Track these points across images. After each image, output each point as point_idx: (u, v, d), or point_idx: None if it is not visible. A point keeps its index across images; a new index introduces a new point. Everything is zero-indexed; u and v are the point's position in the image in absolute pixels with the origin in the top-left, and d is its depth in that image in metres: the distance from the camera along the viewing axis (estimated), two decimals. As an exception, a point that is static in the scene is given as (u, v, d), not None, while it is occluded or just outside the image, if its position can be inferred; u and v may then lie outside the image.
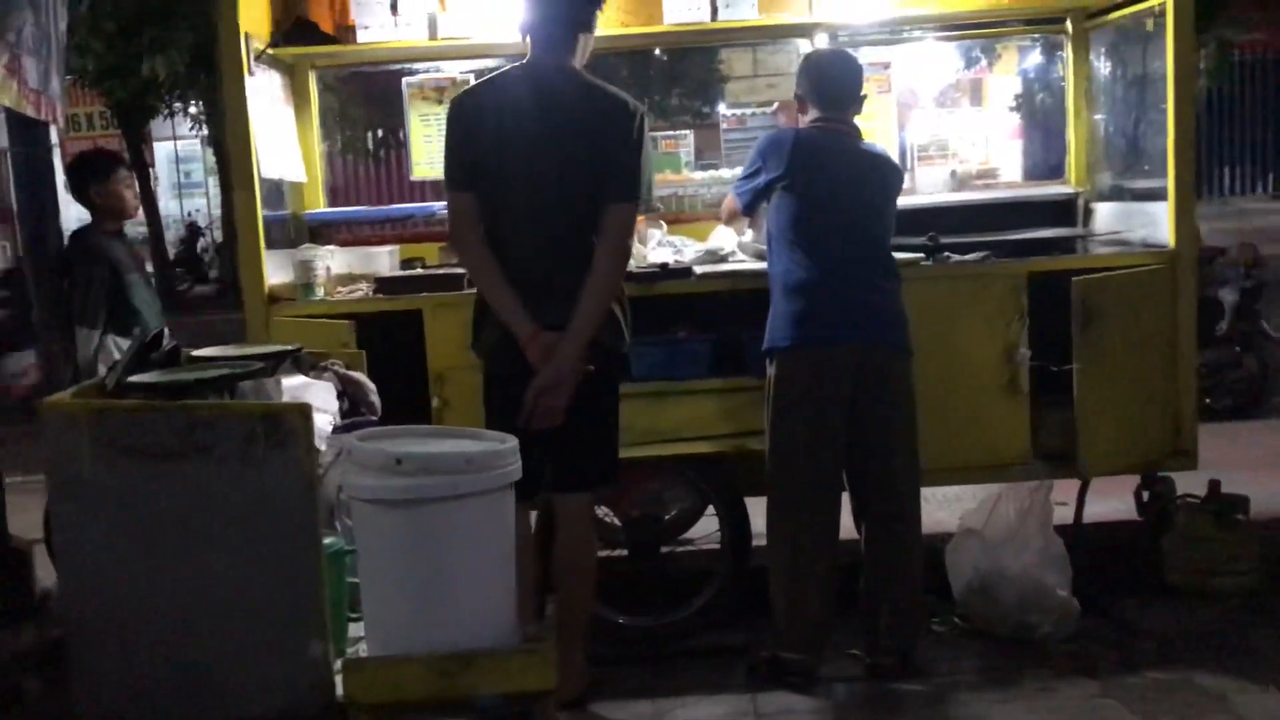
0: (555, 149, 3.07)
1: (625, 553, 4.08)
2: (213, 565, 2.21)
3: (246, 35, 4.00)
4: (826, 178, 3.59)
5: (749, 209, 3.82)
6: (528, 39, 3.19)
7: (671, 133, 5.64)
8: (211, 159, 18.05)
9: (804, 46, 4.85)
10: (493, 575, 2.28)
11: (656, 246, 4.42)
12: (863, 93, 3.77)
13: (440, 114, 4.77)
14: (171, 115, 16.20)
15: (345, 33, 4.69)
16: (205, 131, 15.45)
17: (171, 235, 19.19)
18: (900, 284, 3.67)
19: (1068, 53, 4.98)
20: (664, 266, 4.07)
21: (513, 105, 3.10)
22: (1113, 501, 4.63)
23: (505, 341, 3.11)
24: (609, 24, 4.84)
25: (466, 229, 3.15)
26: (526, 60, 3.20)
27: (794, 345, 3.53)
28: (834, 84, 3.69)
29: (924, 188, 5.42)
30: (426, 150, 4.82)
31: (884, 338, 3.56)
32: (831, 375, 3.51)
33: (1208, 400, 6.41)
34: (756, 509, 3.82)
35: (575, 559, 3.26)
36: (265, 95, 4.29)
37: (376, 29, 4.48)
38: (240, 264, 4.03)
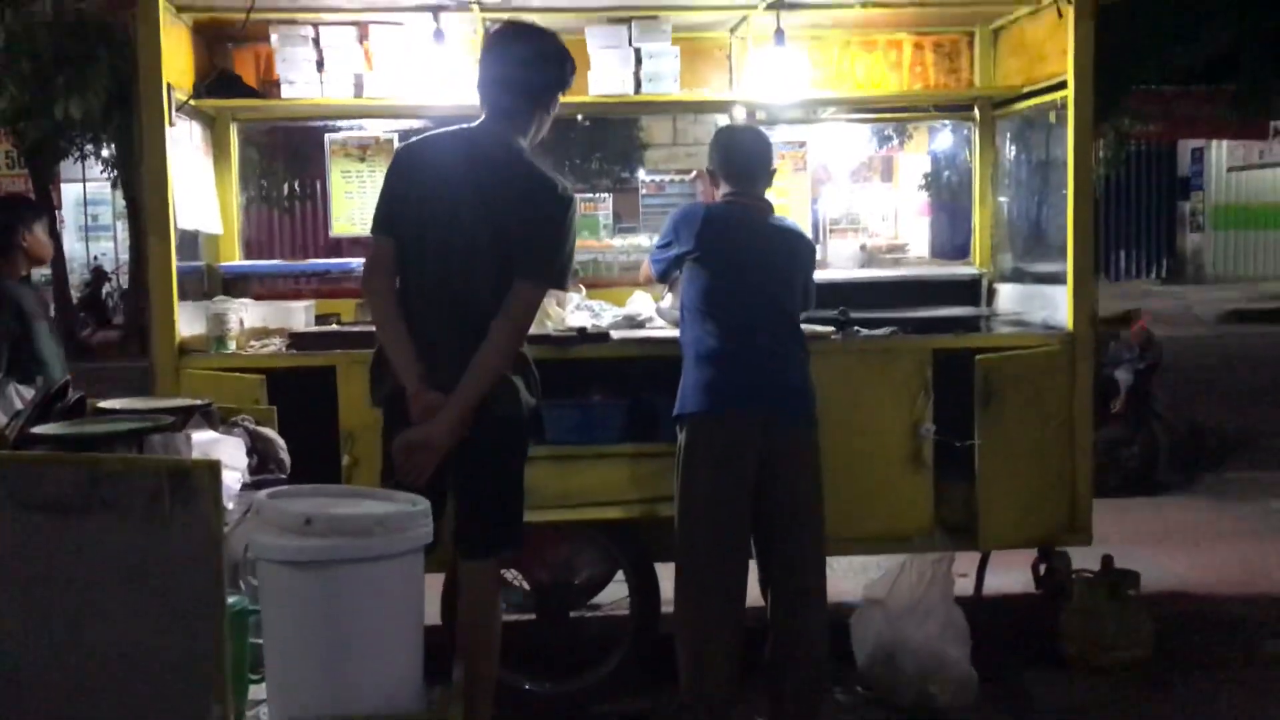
0: (476, 218, 3.06)
1: (533, 617, 4.06)
2: (111, 624, 2.15)
3: (169, 86, 3.98)
4: (736, 252, 3.66)
5: (663, 278, 3.90)
6: (482, 101, 3.18)
7: (591, 196, 5.72)
8: (121, 203, 17.71)
9: (724, 120, 4.98)
10: (401, 639, 2.26)
11: (575, 310, 4.45)
12: (773, 167, 3.85)
13: (362, 171, 4.79)
14: (83, 158, 15.88)
15: (269, 87, 4.70)
16: (115, 175, 15.15)
17: (75, 279, 18.73)
18: (808, 355, 3.73)
19: (975, 139, 5.18)
20: (581, 331, 4.11)
21: (445, 165, 3.11)
22: (1012, 574, 4.74)
23: (398, 394, 3.08)
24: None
25: (379, 274, 3.14)
26: (475, 123, 3.19)
27: (703, 413, 3.57)
28: (743, 160, 3.77)
29: (835, 260, 5.57)
30: (347, 206, 4.82)
31: (791, 409, 3.62)
32: (739, 444, 3.56)
33: (1103, 476, 6.62)
34: (666, 574, 3.84)
35: (479, 624, 3.22)
36: (184, 146, 4.26)
37: (302, 85, 4.50)
38: (152, 315, 3.95)
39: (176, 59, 4.17)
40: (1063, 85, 4.31)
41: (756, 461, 3.56)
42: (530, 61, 3.15)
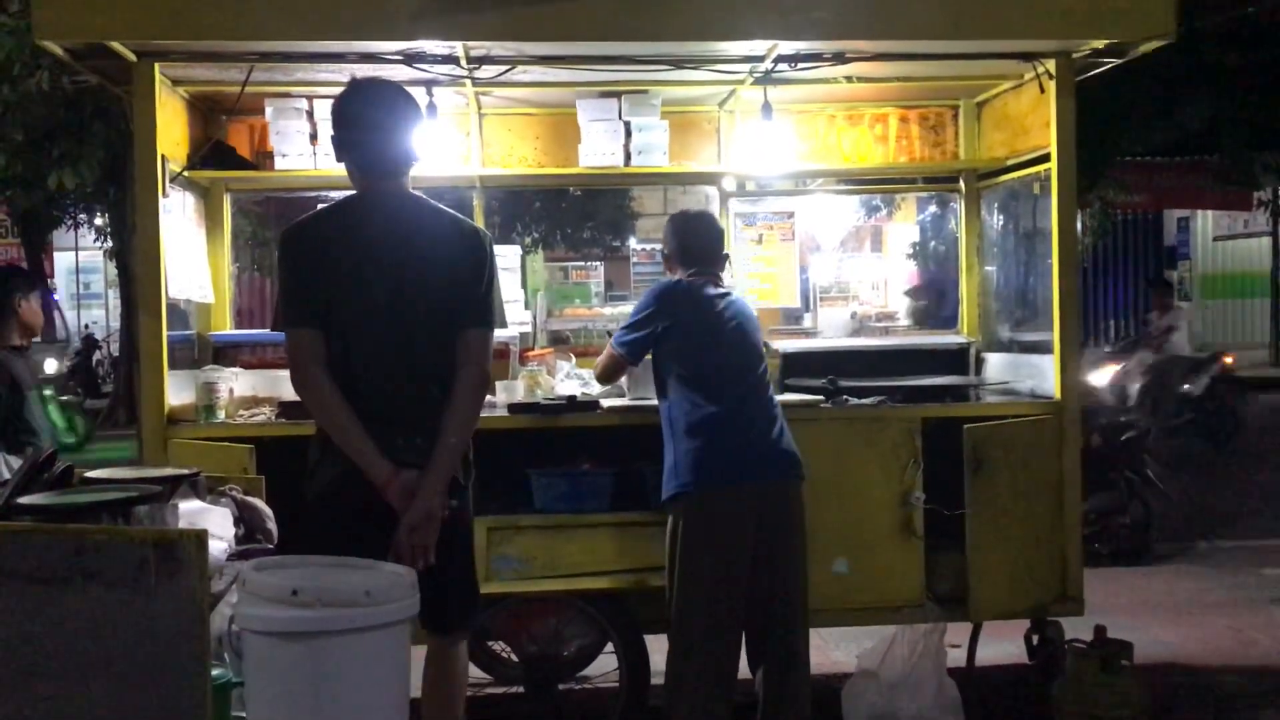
0: (423, 277, 2.96)
1: (521, 690, 4.02)
2: (94, 696, 2.13)
3: (163, 157, 4.01)
4: (715, 321, 3.71)
5: (636, 357, 3.80)
6: (361, 172, 3.04)
7: (582, 264, 5.75)
8: (113, 271, 17.74)
9: (713, 191, 5.05)
10: (387, 711, 2.24)
11: (565, 379, 4.47)
12: (725, 251, 3.98)
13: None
14: (76, 227, 15.95)
15: (263, 158, 4.76)
16: (109, 244, 15.20)
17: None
18: (782, 416, 3.72)
19: (960, 210, 5.24)
20: (571, 399, 4.12)
21: (371, 233, 2.97)
22: (1005, 644, 4.71)
23: (344, 479, 2.91)
24: (525, 164, 4.99)
25: (315, 366, 2.92)
26: (369, 190, 3.03)
27: (702, 492, 3.55)
28: (697, 246, 3.87)
29: (826, 328, 5.60)
30: (338, 276, 4.84)
31: (785, 470, 3.64)
32: (734, 519, 3.54)
33: (1096, 545, 6.59)
34: (655, 646, 3.80)
35: (456, 699, 3.14)
36: (178, 215, 4.29)
37: (295, 157, 4.56)
38: (141, 385, 3.95)
39: (171, 131, 4.22)
40: (1046, 158, 4.37)
41: (752, 532, 3.55)
42: (408, 113, 3.06)
